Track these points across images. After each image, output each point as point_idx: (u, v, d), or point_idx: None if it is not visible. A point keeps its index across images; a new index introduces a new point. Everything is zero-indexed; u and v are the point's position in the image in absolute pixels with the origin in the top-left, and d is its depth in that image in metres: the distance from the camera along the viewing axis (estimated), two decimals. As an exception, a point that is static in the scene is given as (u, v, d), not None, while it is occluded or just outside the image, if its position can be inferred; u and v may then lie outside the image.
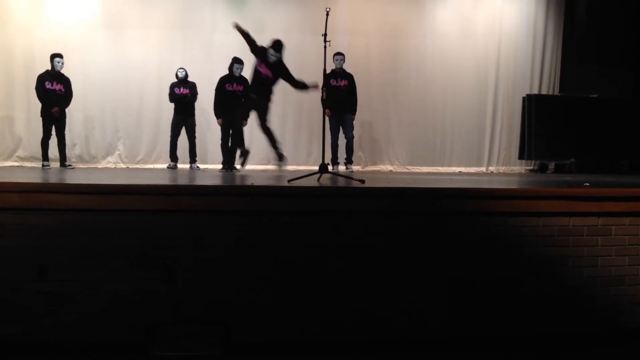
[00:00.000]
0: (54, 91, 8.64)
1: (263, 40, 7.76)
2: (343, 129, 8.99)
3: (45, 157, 8.80)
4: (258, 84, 7.02)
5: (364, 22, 10.14)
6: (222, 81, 8.62)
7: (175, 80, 9.15)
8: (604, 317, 4.28)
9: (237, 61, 8.61)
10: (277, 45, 6.88)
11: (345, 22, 9.90)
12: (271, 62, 6.93)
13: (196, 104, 9.66)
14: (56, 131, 8.78)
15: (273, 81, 7.08)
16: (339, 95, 8.79)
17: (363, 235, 4.07)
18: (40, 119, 8.73)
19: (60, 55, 8.68)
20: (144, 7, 9.82)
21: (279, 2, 9.94)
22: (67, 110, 8.88)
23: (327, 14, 5.45)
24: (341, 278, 4.04)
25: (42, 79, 8.66)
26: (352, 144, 9.05)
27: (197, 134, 9.47)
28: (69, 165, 8.92)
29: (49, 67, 8.71)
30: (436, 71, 10.35)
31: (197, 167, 9.23)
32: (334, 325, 4.03)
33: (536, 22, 10.52)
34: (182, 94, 9.08)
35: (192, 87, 9.18)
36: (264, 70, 7.00)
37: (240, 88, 8.45)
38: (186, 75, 9.16)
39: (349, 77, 9.03)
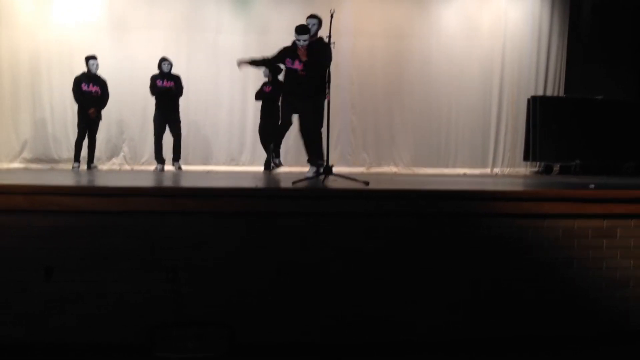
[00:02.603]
0: (89, 93, 8.60)
1: (267, 42, 7.82)
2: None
3: (76, 158, 8.74)
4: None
5: (368, 24, 10.14)
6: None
7: (158, 72, 8.74)
8: (609, 320, 4.27)
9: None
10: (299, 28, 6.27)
11: (350, 24, 9.91)
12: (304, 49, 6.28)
13: (204, 104, 9.67)
14: (89, 133, 8.73)
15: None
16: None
17: (367, 237, 4.06)
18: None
19: (94, 57, 8.64)
20: (149, 9, 9.86)
21: (283, 4, 9.95)
22: (102, 112, 8.87)
23: (332, 16, 5.45)
24: (345, 280, 4.04)
25: (78, 80, 8.61)
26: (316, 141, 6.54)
27: (200, 134, 9.50)
28: (94, 167, 8.86)
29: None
30: (441, 72, 10.34)
31: (180, 167, 8.86)
32: (337, 328, 4.03)
33: (541, 22, 10.51)
34: (166, 87, 8.67)
35: (177, 80, 8.79)
36: (297, 66, 6.29)
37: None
38: (171, 68, 8.77)
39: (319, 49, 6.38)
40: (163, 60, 8.74)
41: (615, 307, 4.27)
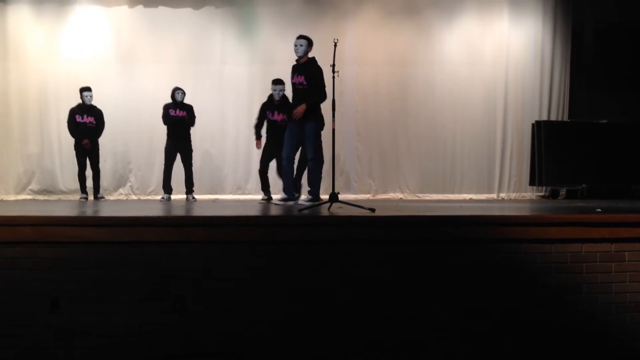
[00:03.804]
0: (84, 124, 8.67)
1: (272, 72, 7.94)
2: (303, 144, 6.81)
3: (82, 189, 8.78)
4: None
5: (372, 52, 10.22)
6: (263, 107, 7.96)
7: (171, 101, 8.77)
8: (620, 345, 4.22)
9: (276, 82, 7.81)
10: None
11: (354, 53, 10.00)
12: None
13: (210, 134, 9.73)
14: (90, 163, 8.78)
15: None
16: (295, 94, 6.68)
17: (374, 264, 4.05)
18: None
19: (88, 89, 8.71)
20: (155, 42, 9.98)
21: (288, 34, 10.00)
22: (100, 141, 8.92)
23: (335, 45, 5.51)
24: (352, 308, 4.02)
25: (73, 112, 8.71)
26: (315, 171, 6.70)
27: (206, 163, 9.54)
28: (101, 197, 8.89)
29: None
30: (445, 99, 10.38)
31: (194, 198, 8.81)
32: (347, 355, 4.00)
33: (543, 48, 10.57)
34: (179, 117, 8.70)
35: (190, 110, 8.84)
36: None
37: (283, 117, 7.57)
38: (184, 98, 8.82)
39: (309, 71, 6.63)
40: (176, 89, 8.78)
41: (626, 331, 4.23)
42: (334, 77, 5.60)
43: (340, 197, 5.61)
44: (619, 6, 10.49)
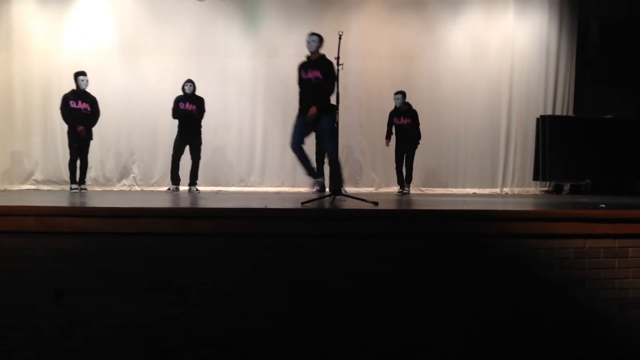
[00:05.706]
0: (78, 110, 8.41)
1: (275, 65, 7.88)
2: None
3: (73, 180, 8.53)
4: None
5: (376, 45, 10.21)
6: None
7: (181, 94, 8.76)
8: (621, 341, 4.21)
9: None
10: None
11: (358, 46, 9.98)
12: None
13: (213, 126, 9.73)
14: (80, 153, 8.52)
15: None
16: (309, 89, 6.42)
17: (377, 258, 4.05)
18: (66, 140, 8.56)
19: (83, 73, 8.50)
20: (160, 33, 9.98)
21: (292, 27, 10.05)
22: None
23: (340, 38, 5.50)
24: (355, 302, 4.02)
25: (66, 98, 8.45)
26: (335, 163, 6.33)
27: (209, 155, 9.56)
28: (83, 189, 8.59)
29: (70, 88, 8.75)
30: (449, 93, 10.36)
31: (197, 190, 8.81)
32: (350, 350, 4.00)
33: (549, 43, 10.54)
34: (188, 110, 8.68)
35: (200, 103, 8.78)
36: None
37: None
38: (194, 90, 8.80)
39: (325, 66, 6.38)
40: (186, 82, 8.77)
41: (629, 327, 4.22)
42: (338, 70, 5.59)
43: (343, 190, 5.59)
44: (626, 2, 10.43)
